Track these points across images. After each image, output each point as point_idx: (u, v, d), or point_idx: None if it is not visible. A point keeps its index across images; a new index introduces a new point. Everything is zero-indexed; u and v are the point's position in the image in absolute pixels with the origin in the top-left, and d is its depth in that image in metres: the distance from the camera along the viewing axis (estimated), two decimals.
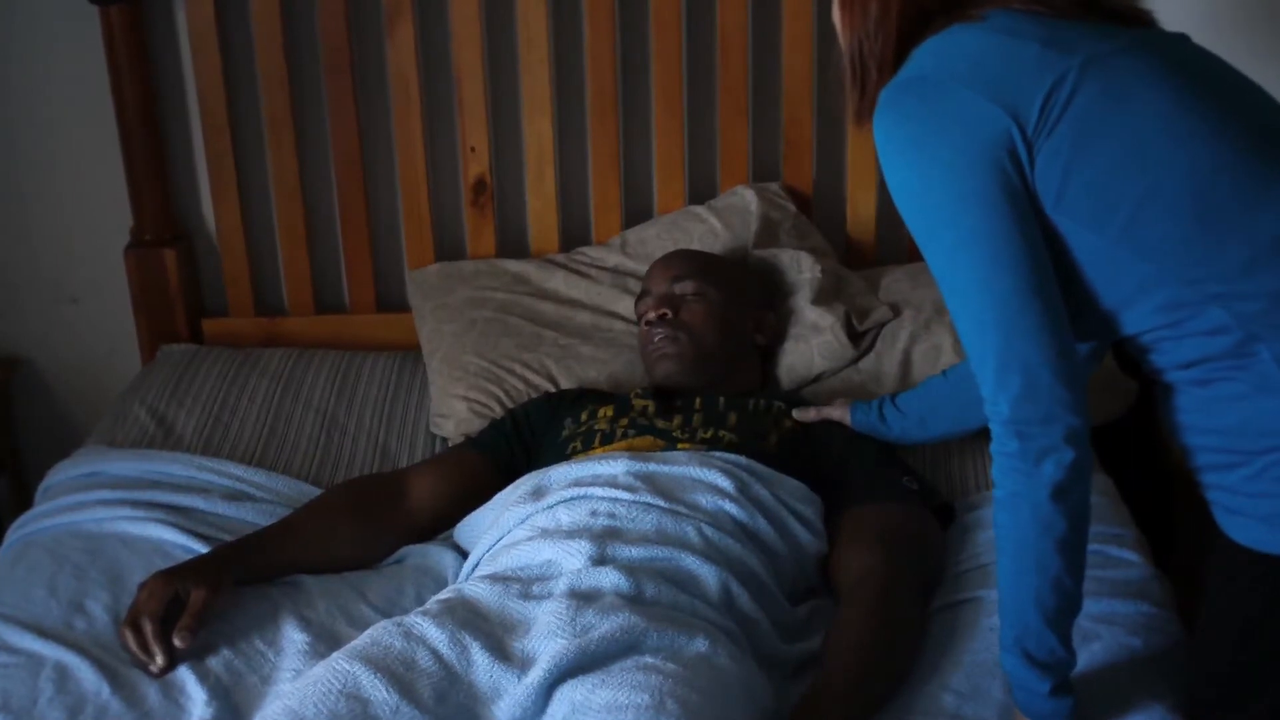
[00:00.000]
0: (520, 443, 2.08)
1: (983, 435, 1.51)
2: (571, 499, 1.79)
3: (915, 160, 1.41)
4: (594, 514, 1.75)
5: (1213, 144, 1.37)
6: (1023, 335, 1.38)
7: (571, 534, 1.71)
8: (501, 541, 1.79)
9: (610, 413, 2.03)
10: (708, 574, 1.68)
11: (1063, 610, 1.47)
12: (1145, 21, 1.47)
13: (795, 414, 2.06)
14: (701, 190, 2.57)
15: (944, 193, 1.39)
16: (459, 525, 1.95)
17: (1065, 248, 1.41)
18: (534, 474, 1.88)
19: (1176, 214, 1.36)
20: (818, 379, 2.30)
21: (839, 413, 2.04)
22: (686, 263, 2.22)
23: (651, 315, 2.15)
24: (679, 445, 1.93)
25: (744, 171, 2.54)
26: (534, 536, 1.74)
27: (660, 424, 1.99)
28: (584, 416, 2.04)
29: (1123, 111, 1.37)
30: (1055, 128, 1.36)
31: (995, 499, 1.44)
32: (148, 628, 1.67)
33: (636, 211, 2.58)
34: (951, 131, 1.38)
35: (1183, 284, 1.38)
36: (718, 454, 1.87)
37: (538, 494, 1.83)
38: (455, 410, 2.29)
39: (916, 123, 1.41)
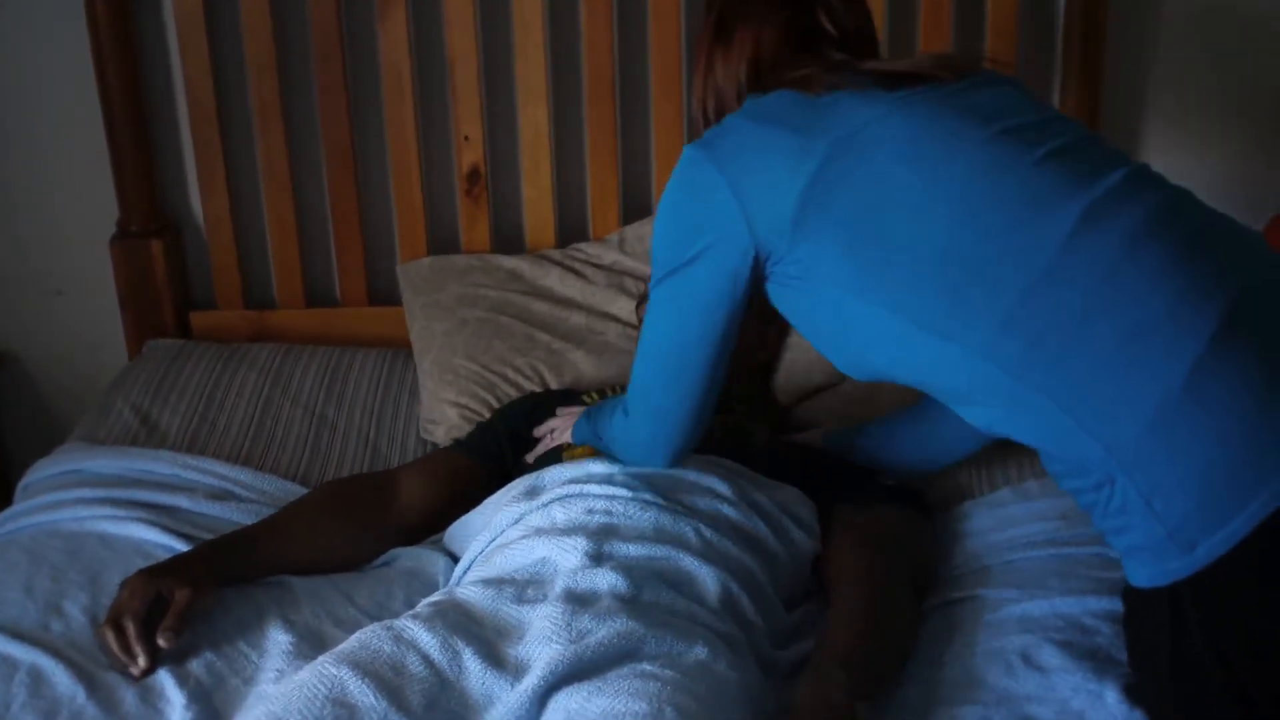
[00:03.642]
0: (511, 442, 2.04)
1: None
2: (567, 496, 1.75)
3: (671, 227, 1.62)
4: (590, 511, 1.71)
5: (957, 202, 1.45)
6: (679, 391, 1.65)
7: (567, 531, 1.68)
8: (495, 542, 1.75)
9: None
10: (706, 575, 1.65)
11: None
12: (943, 75, 1.56)
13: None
14: None
15: (673, 265, 1.60)
16: (449, 530, 1.91)
17: (847, 321, 1.52)
18: (528, 475, 1.84)
19: (921, 273, 1.45)
20: (815, 393, 2.26)
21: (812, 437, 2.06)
22: None
23: None
24: None
25: None
26: (528, 535, 1.71)
27: None
28: None
29: (865, 185, 1.48)
30: (802, 226, 1.50)
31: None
32: (130, 628, 1.62)
33: (635, 202, 2.55)
34: (704, 230, 1.57)
35: (942, 338, 1.45)
36: (712, 457, 1.85)
37: (532, 494, 1.79)
38: (446, 416, 2.26)
39: (685, 202, 1.61)
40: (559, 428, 1.97)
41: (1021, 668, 1.58)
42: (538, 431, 2.01)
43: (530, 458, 1.98)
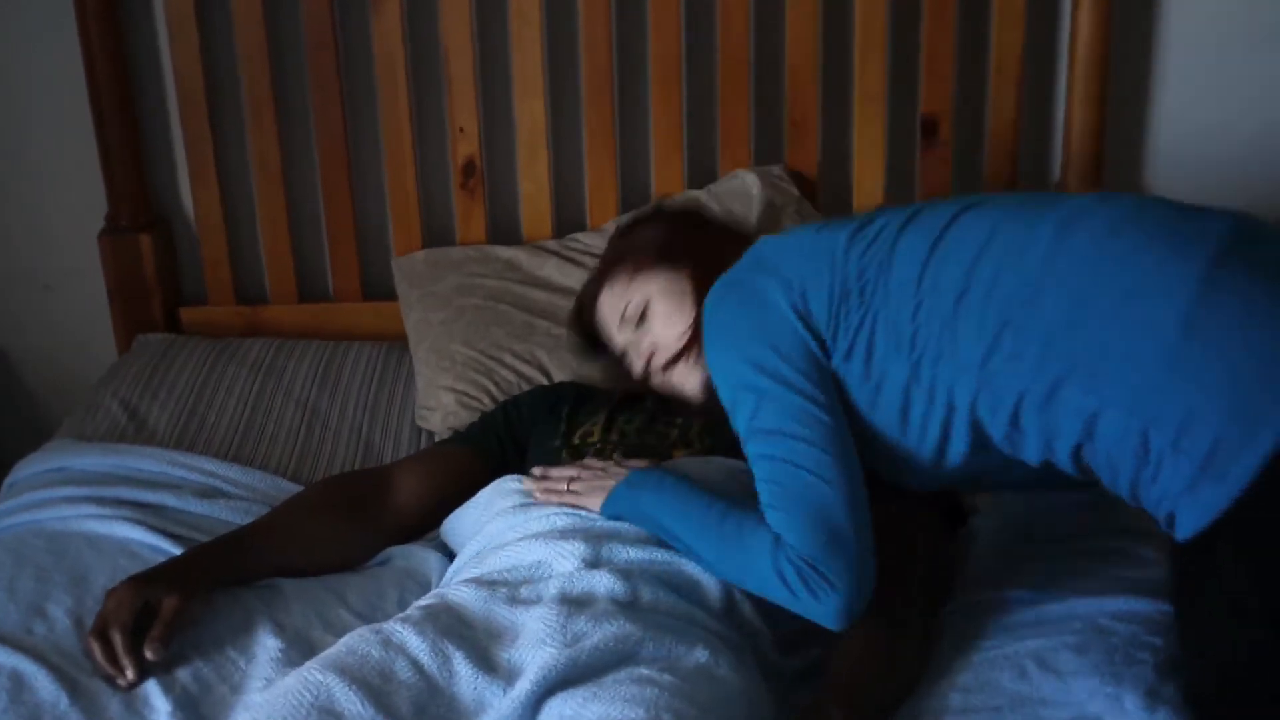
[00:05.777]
0: (511, 438, 2.00)
1: None
2: None
3: (731, 345, 1.62)
4: (593, 517, 1.68)
5: (954, 237, 1.56)
6: (823, 492, 1.53)
7: (565, 534, 1.65)
8: (491, 543, 1.71)
9: (598, 432, 1.92)
10: (709, 581, 1.62)
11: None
12: None
13: None
14: (701, 172, 2.52)
15: (749, 364, 1.59)
16: (445, 522, 1.87)
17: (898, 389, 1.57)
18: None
19: (969, 315, 1.52)
20: None
21: None
22: None
23: None
24: (674, 453, 1.85)
25: (745, 152, 2.49)
26: (525, 537, 1.67)
27: (651, 439, 1.89)
28: (575, 440, 1.93)
29: (886, 255, 1.59)
30: (849, 317, 1.58)
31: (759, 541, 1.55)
32: (117, 640, 1.59)
33: (633, 195, 2.53)
34: (763, 328, 1.60)
35: (979, 367, 1.51)
36: (716, 458, 1.79)
37: (531, 505, 1.75)
38: (442, 402, 2.24)
39: (733, 328, 1.63)
40: (582, 490, 1.73)
41: (1036, 671, 1.56)
42: (545, 480, 1.78)
43: (535, 491, 1.78)
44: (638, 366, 1.81)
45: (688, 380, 1.76)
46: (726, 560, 1.58)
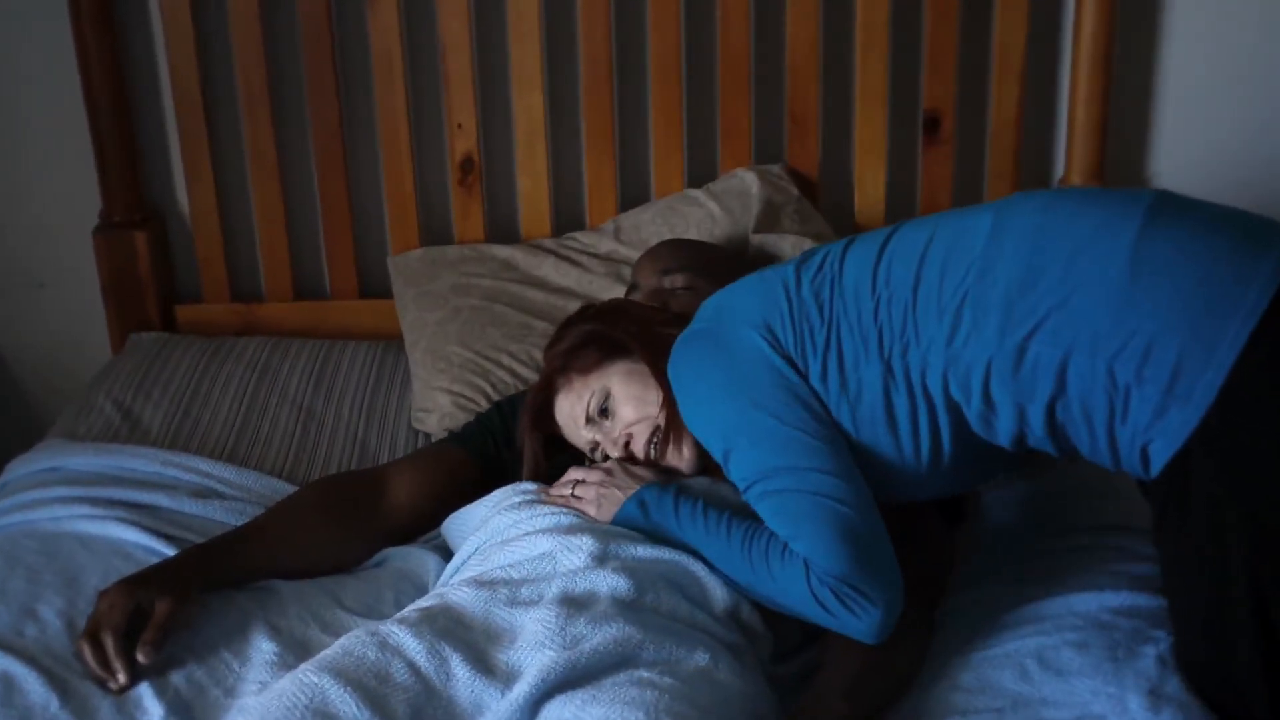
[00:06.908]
0: (507, 438, 1.98)
1: None
2: None
3: (708, 394, 1.65)
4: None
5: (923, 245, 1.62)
6: (841, 513, 1.54)
7: (574, 530, 1.64)
8: (496, 538, 1.70)
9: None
10: (715, 583, 1.61)
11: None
12: None
13: None
14: (701, 170, 2.51)
15: (731, 405, 1.62)
16: (449, 520, 1.84)
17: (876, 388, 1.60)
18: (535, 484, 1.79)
19: (928, 304, 1.58)
20: None
21: None
22: (675, 254, 2.13)
23: None
24: None
25: (745, 149, 2.47)
26: (532, 532, 1.66)
27: None
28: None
29: (838, 269, 1.65)
30: (814, 337, 1.62)
31: (792, 567, 1.56)
32: (109, 643, 1.57)
33: (633, 192, 2.52)
34: (737, 367, 1.63)
35: (960, 350, 1.55)
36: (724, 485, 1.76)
37: (540, 502, 1.74)
38: (439, 404, 2.22)
39: (703, 365, 1.67)
40: (588, 497, 1.73)
41: (1037, 671, 1.56)
42: (555, 489, 1.78)
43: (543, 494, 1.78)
44: (615, 454, 1.77)
45: (680, 453, 1.74)
46: (756, 586, 1.59)
